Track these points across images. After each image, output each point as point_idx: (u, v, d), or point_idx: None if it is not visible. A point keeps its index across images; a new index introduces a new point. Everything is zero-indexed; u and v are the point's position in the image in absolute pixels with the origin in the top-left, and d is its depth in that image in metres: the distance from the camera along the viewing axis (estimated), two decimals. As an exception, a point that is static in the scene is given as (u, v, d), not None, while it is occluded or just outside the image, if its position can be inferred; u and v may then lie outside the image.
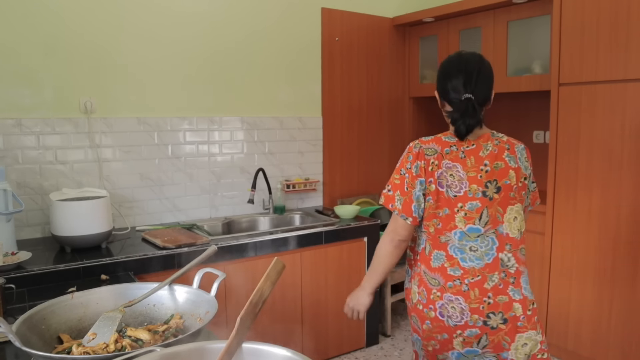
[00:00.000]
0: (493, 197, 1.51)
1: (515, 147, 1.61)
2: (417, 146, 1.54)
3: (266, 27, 3.19)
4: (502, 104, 3.79)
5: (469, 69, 1.57)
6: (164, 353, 0.86)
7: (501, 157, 1.55)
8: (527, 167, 1.65)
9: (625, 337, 2.68)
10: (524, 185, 1.61)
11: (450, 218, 1.50)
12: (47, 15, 2.50)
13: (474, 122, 1.52)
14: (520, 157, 1.61)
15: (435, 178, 1.50)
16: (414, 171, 1.50)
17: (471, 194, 1.50)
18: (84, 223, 2.25)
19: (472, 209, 1.49)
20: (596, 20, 2.67)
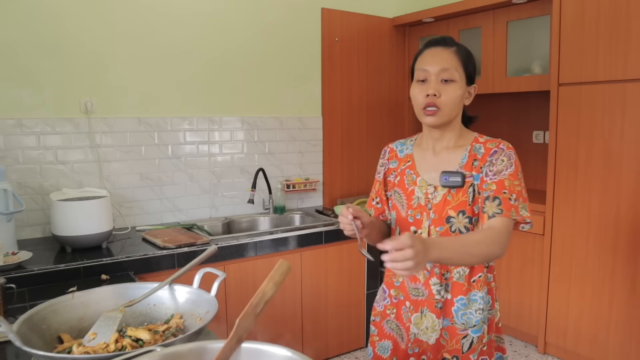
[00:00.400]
0: None
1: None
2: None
3: (266, 27, 3.19)
4: (502, 104, 3.79)
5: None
6: (164, 353, 0.86)
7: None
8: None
9: (625, 337, 2.69)
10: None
11: None
12: (47, 16, 2.50)
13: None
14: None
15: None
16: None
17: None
18: (85, 223, 2.25)
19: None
20: (596, 20, 2.68)
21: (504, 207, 1.30)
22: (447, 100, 1.34)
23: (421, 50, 1.42)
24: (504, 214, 1.29)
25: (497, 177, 1.32)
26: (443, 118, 1.36)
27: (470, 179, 1.37)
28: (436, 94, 1.33)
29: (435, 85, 1.34)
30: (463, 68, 1.37)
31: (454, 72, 1.34)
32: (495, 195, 1.31)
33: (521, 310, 3.24)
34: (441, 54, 1.36)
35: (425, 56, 1.39)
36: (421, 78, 1.37)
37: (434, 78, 1.35)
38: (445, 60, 1.35)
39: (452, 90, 1.34)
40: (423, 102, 1.35)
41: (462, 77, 1.37)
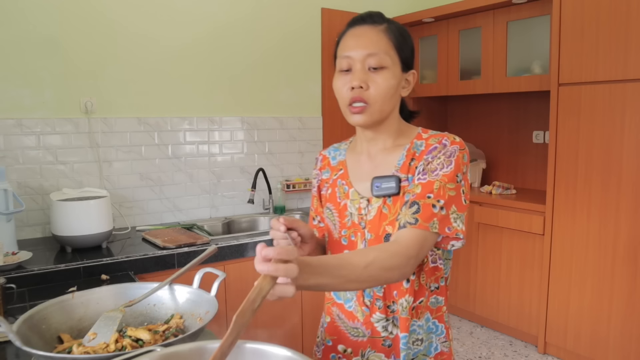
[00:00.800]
0: None
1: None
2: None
3: (266, 27, 3.19)
4: (502, 104, 3.79)
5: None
6: (164, 353, 0.86)
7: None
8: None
9: (625, 337, 2.69)
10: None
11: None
12: (47, 15, 2.50)
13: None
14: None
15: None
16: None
17: None
18: (84, 223, 2.25)
19: None
20: (596, 20, 2.68)
21: (422, 215, 1.01)
22: (377, 92, 1.07)
23: (343, 31, 1.14)
24: (419, 225, 1.00)
25: (426, 177, 1.05)
26: (374, 115, 1.09)
27: (405, 183, 1.10)
28: (362, 85, 1.06)
29: (360, 75, 1.06)
30: (396, 51, 1.09)
31: (383, 56, 1.06)
32: (415, 200, 1.03)
33: (521, 310, 3.24)
34: (367, 35, 1.08)
35: (348, 39, 1.10)
36: (344, 67, 1.09)
37: (359, 66, 1.07)
38: (372, 42, 1.07)
39: (383, 79, 1.06)
40: (348, 97, 1.08)
41: (395, 62, 1.09)
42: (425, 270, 1.11)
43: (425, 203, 1.02)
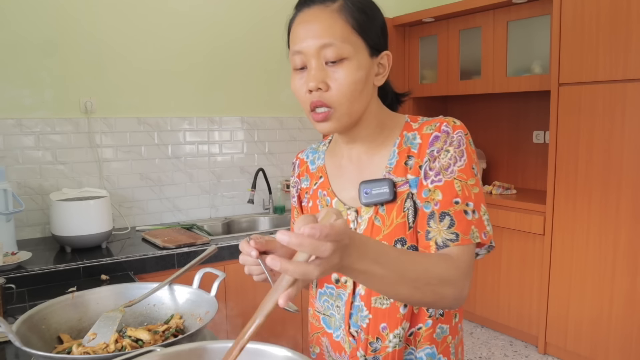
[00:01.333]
0: None
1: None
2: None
3: (266, 27, 3.19)
4: (502, 104, 3.79)
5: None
6: (164, 353, 0.86)
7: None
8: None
9: (625, 337, 2.69)
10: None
11: None
12: (47, 15, 2.50)
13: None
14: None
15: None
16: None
17: None
18: (84, 223, 2.25)
19: None
20: (596, 20, 2.68)
21: (460, 227, 0.86)
22: (339, 92, 0.87)
23: (291, 16, 0.95)
24: (462, 240, 0.85)
25: (441, 177, 0.89)
26: (342, 120, 0.90)
27: (405, 188, 0.92)
28: (321, 86, 0.87)
29: (316, 74, 0.87)
30: (358, 33, 0.87)
31: (341, 45, 0.86)
32: (444, 211, 0.87)
33: (521, 310, 3.24)
34: (317, 20, 0.87)
35: (296, 28, 0.91)
36: (297, 65, 0.91)
37: (314, 62, 0.88)
38: (324, 29, 0.86)
39: (345, 74, 0.86)
40: (307, 102, 0.90)
41: (359, 47, 0.88)
42: None
43: (456, 211, 0.86)
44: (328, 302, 1.03)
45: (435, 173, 0.89)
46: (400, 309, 0.93)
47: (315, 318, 1.08)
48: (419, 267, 0.77)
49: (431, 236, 0.87)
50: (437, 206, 0.88)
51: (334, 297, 1.02)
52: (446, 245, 0.85)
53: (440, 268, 0.80)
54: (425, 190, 0.90)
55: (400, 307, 0.93)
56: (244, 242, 0.87)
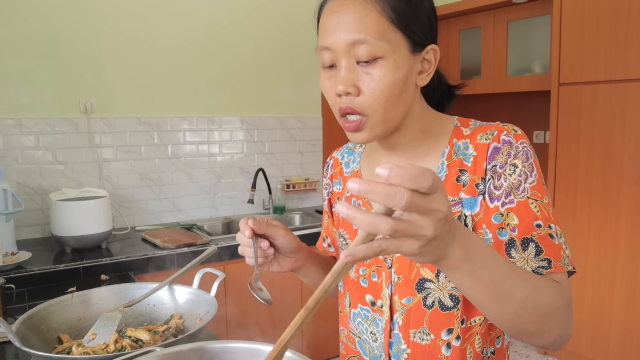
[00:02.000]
0: None
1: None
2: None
3: (266, 27, 3.19)
4: (502, 104, 3.79)
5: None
6: (164, 353, 0.86)
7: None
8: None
9: (625, 338, 2.68)
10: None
11: None
12: (47, 15, 2.49)
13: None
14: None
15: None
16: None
17: None
18: (84, 223, 2.25)
19: None
20: (596, 20, 2.67)
21: (551, 253, 0.74)
22: (373, 98, 0.74)
23: (321, 3, 0.80)
24: (555, 268, 0.73)
25: (513, 198, 0.75)
26: (376, 129, 0.77)
27: (457, 209, 0.79)
28: (351, 90, 0.74)
29: (346, 76, 0.75)
30: (398, 26, 0.74)
31: (375, 42, 0.72)
32: (526, 237, 0.74)
33: (521, 311, 3.24)
34: (349, 10, 0.73)
35: (325, 19, 0.76)
36: (326, 63, 0.78)
37: (344, 61, 0.75)
38: (355, 22, 0.73)
39: (380, 76, 0.73)
40: (337, 106, 0.78)
41: (397, 44, 0.74)
42: (481, 333, 0.82)
43: (540, 236, 0.74)
44: (362, 326, 0.92)
45: (505, 194, 0.76)
46: (442, 349, 0.81)
47: (350, 340, 0.97)
48: (530, 285, 0.65)
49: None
50: (515, 232, 0.75)
51: (368, 321, 0.90)
52: (539, 274, 0.73)
53: (551, 293, 0.68)
54: (497, 215, 0.76)
55: (443, 347, 0.81)
56: (243, 220, 0.81)
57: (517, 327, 0.68)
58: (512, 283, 0.63)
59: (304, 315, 0.60)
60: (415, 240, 0.51)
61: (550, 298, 0.68)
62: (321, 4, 0.80)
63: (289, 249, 0.87)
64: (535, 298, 0.65)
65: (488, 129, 0.80)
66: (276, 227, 0.84)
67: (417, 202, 0.48)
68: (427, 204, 0.49)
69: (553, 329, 0.69)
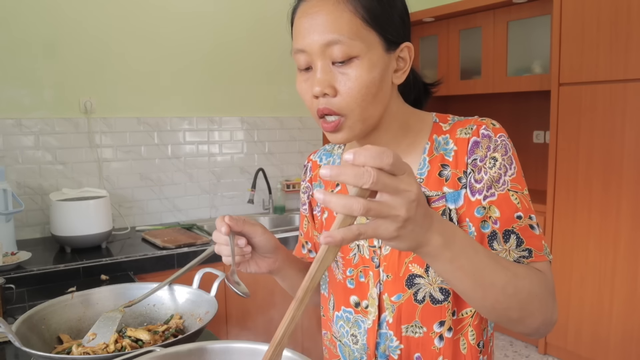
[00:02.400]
0: None
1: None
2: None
3: (266, 27, 3.19)
4: (502, 104, 3.79)
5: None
6: (164, 353, 0.86)
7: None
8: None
9: (625, 338, 2.68)
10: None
11: None
12: (47, 15, 2.49)
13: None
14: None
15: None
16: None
17: None
18: (84, 223, 2.25)
19: None
20: (596, 20, 2.67)
21: (531, 244, 0.76)
22: (350, 98, 0.75)
23: (294, 6, 0.83)
24: (536, 257, 0.76)
25: (494, 191, 0.77)
26: (355, 129, 0.78)
27: (440, 203, 0.80)
28: (327, 91, 0.75)
29: (322, 77, 0.75)
30: (371, 25, 0.74)
31: (349, 42, 0.73)
32: (507, 229, 0.77)
33: (521, 311, 3.24)
34: (322, 11, 0.74)
35: (299, 20, 0.79)
36: (301, 65, 0.80)
37: (319, 62, 0.76)
38: (329, 23, 0.73)
39: (356, 75, 0.74)
40: (314, 108, 0.79)
41: (371, 43, 0.75)
42: (474, 325, 0.83)
43: (521, 227, 0.76)
44: (344, 329, 0.91)
45: (486, 187, 0.77)
46: (435, 341, 0.83)
47: (332, 344, 0.96)
48: (509, 272, 0.67)
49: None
50: (497, 225, 0.77)
51: (350, 324, 0.90)
52: (520, 263, 0.75)
53: (532, 279, 0.70)
54: (479, 209, 0.78)
55: (435, 339, 0.83)
56: (220, 217, 0.80)
57: (500, 312, 0.69)
58: (491, 270, 0.65)
59: (295, 307, 0.61)
60: (391, 221, 0.53)
61: (530, 284, 0.70)
62: (294, 7, 0.81)
63: (267, 248, 0.86)
64: (516, 284, 0.67)
65: (467, 123, 0.82)
66: (254, 225, 0.83)
67: (384, 180, 0.51)
68: (396, 184, 0.52)
69: (536, 315, 0.71)
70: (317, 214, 0.99)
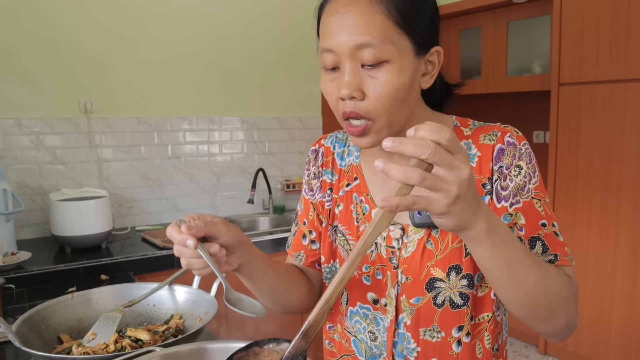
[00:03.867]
0: None
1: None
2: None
3: (266, 27, 3.19)
4: (502, 104, 3.79)
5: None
6: (164, 353, 0.86)
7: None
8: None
9: (625, 338, 2.68)
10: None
11: None
12: (47, 15, 2.49)
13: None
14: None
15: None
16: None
17: None
18: (84, 223, 2.25)
19: None
20: (596, 20, 2.67)
21: (556, 250, 0.78)
22: (379, 102, 0.73)
23: (321, 4, 0.77)
24: (562, 261, 0.77)
25: (519, 199, 0.78)
26: (382, 133, 0.76)
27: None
28: (355, 95, 0.73)
29: (351, 80, 0.73)
30: (403, 29, 0.72)
31: (382, 45, 0.71)
32: (533, 236, 0.78)
33: (521, 311, 3.24)
34: (353, 12, 0.71)
35: (327, 19, 0.74)
36: (328, 65, 0.76)
37: (348, 64, 0.73)
38: (361, 25, 0.70)
39: (386, 80, 0.72)
40: (340, 110, 0.76)
41: (403, 47, 0.73)
42: (490, 330, 0.84)
43: (546, 234, 0.78)
44: (360, 325, 0.90)
45: (512, 194, 0.78)
46: (453, 345, 0.82)
47: (344, 338, 0.94)
48: (542, 269, 0.69)
49: None
50: (522, 232, 0.78)
51: (367, 320, 0.89)
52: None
53: (561, 281, 0.72)
54: (506, 215, 0.78)
55: (453, 344, 0.82)
56: (173, 226, 0.71)
57: (529, 308, 0.71)
58: (527, 265, 0.67)
59: (346, 268, 0.63)
60: (443, 196, 0.56)
61: (559, 285, 0.71)
62: (322, 4, 0.77)
63: (235, 244, 0.78)
64: (547, 282, 0.69)
65: (490, 129, 0.81)
66: (215, 223, 0.75)
67: (441, 154, 0.54)
68: (451, 160, 0.55)
69: (561, 316, 0.72)
70: (327, 207, 0.94)
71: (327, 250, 0.93)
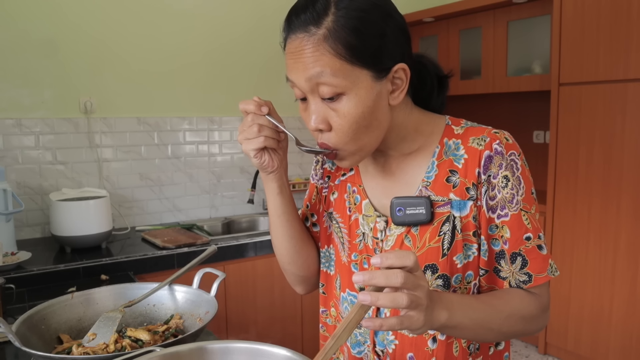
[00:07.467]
0: None
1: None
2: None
3: (266, 26, 3.19)
4: (502, 104, 3.79)
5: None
6: (164, 353, 0.86)
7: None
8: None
9: (625, 338, 2.68)
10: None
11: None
12: (47, 15, 2.49)
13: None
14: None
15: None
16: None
17: None
18: (84, 223, 2.25)
19: None
20: (596, 20, 2.67)
21: (535, 267, 0.80)
22: (342, 132, 0.76)
23: (283, 38, 0.79)
24: (535, 281, 0.80)
25: (507, 211, 0.79)
26: (355, 157, 0.81)
27: (445, 209, 0.81)
28: (322, 127, 0.77)
29: (317, 111, 0.77)
30: (355, 58, 0.72)
31: (333, 80, 0.72)
32: (514, 251, 0.80)
33: (521, 311, 3.24)
34: (302, 52, 0.73)
35: (287, 56, 0.78)
36: (297, 95, 0.81)
37: (310, 98, 0.77)
38: (311, 62, 0.73)
39: (345, 112, 0.74)
40: (315, 138, 0.82)
41: (356, 77, 0.73)
42: None
43: (528, 249, 0.80)
44: (348, 311, 0.93)
45: (500, 206, 0.80)
46: (428, 342, 0.84)
47: (338, 322, 0.98)
48: (502, 315, 0.77)
49: (503, 275, 0.82)
50: (506, 245, 0.80)
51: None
52: (519, 286, 0.81)
53: (523, 309, 0.80)
54: (492, 227, 0.81)
55: (429, 341, 0.84)
56: (246, 101, 0.84)
57: (500, 340, 0.86)
58: (489, 319, 0.77)
59: (331, 343, 0.67)
60: (418, 311, 0.66)
61: (524, 314, 0.79)
62: (284, 38, 0.79)
63: (285, 143, 0.93)
64: (510, 323, 0.78)
65: (480, 132, 0.82)
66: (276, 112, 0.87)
67: (408, 278, 0.63)
68: (416, 280, 0.65)
69: (532, 330, 0.83)
70: (324, 193, 1.01)
71: (322, 235, 0.99)
